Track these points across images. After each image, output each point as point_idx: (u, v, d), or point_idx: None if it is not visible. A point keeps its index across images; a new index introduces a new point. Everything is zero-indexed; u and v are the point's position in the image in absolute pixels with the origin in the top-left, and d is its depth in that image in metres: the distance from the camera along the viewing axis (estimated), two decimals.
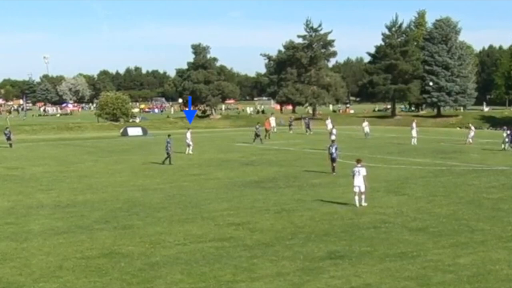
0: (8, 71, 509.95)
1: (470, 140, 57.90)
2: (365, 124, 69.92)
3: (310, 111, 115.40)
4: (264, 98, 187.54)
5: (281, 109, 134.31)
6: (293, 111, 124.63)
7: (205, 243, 20.64)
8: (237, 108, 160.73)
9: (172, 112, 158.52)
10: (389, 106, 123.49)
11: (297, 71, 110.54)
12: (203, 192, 31.78)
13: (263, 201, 28.50)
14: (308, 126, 78.59)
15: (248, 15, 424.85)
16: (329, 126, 69.13)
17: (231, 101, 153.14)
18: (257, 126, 63.35)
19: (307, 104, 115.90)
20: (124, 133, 79.55)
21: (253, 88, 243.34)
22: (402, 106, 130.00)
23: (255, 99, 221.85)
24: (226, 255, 19.07)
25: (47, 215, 26.20)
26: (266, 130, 68.35)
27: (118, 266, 18.14)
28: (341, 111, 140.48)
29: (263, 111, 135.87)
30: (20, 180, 37.86)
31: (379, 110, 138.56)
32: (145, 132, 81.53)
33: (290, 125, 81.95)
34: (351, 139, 65.42)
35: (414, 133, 59.33)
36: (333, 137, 51.36)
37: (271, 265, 17.93)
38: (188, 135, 51.84)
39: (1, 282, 16.97)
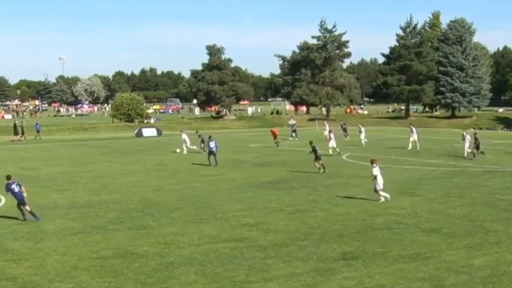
0: (24, 72, 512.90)
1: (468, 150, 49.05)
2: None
3: (325, 112, 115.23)
4: (278, 99, 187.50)
5: (296, 110, 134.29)
6: (307, 112, 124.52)
7: (219, 244, 20.73)
8: (241, 109, 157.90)
9: (197, 112, 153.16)
10: (403, 107, 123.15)
11: (311, 72, 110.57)
12: (217, 192, 31.88)
13: (277, 202, 28.55)
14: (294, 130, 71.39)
15: (262, 16, 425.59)
16: (327, 128, 62.85)
17: (245, 102, 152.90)
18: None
19: (321, 106, 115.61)
20: (139, 134, 79.80)
21: (267, 89, 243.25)
22: (414, 107, 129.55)
23: (269, 99, 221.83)
24: (240, 256, 19.15)
25: (62, 215, 26.39)
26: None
27: (132, 266, 18.26)
28: (355, 111, 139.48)
29: (277, 112, 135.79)
30: (36, 180, 38.02)
31: (392, 111, 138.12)
32: (159, 132, 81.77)
33: (345, 130, 68.69)
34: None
35: (415, 137, 53.64)
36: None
37: (284, 266, 17.99)
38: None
39: (17, 282, 17.13)
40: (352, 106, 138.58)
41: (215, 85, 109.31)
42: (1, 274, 17.83)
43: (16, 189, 25.45)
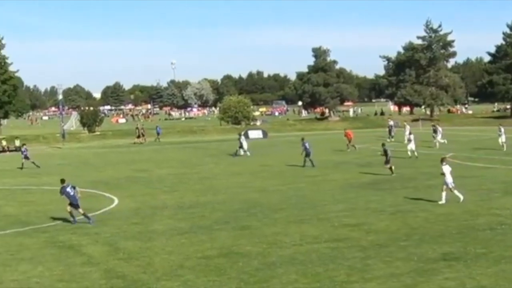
0: (138, 77, 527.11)
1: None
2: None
3: (428, 112, 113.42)
4: (382, 99, 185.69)
5: (399, 111, 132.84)
6: (411, 112, 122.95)
7: (321, 244, 21.02)
8: (343, 111, 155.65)
9: (304, 114, 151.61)
10: (508, 106, 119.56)
11: (415, 72, 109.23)
12: (320, 193, 32.21)
13: (378, 202, 28.66)
14: (390, 132, 69.90)
15: (368, 17, 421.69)
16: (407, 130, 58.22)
17: (349, 103, 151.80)
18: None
19: (425, 106, 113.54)
20: (245, 136, 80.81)
21: (371, 90, 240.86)
22: None
23: (373, 100, 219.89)
24: (341, 256, 19.39)
25: (171, 216, 27.35)
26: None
27: (236, 265, 18.78)
28: (458, 111, 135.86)
29: (381, 113, 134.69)
30: (147, 182, 39.52)
31: (497, 111, 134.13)
32: (265, 134, 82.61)
33: (435, 132, 62.46)
34: (469, 140, 64.29)
35: (503, 138, 52.64)
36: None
37: (384, 266, 18.12)
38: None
39: (126, 279, 17.95)
40: (457, 106, 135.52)
41: (320, 87, 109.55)
42: (113, 272, 18.75)
43: (71, 192, 26.23)
